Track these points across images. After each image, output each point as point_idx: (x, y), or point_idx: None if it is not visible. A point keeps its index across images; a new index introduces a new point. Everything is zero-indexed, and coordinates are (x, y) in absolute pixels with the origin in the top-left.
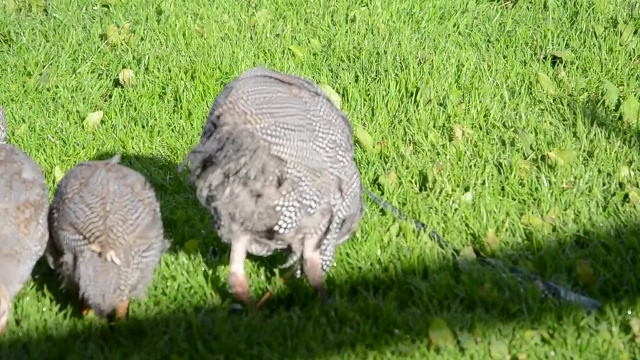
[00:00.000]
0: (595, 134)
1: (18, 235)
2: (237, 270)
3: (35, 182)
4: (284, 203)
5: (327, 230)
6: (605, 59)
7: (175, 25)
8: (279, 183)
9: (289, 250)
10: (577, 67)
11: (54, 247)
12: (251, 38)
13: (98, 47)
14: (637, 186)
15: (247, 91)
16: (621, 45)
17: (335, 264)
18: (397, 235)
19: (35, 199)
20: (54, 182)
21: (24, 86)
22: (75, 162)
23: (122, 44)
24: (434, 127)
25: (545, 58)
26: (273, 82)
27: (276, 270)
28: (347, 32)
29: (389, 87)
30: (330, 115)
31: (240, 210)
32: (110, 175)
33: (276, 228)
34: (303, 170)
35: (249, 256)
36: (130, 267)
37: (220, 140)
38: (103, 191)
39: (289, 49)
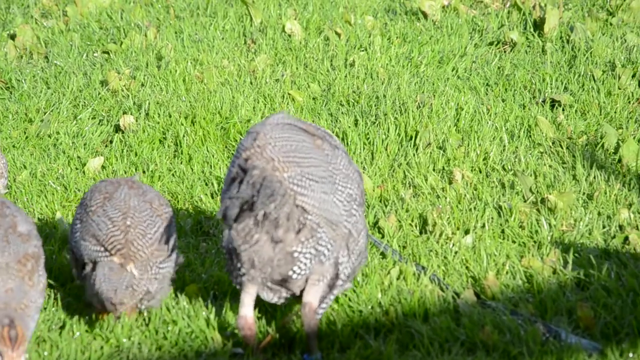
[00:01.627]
0: (594, 177)
1: (24, 288)
2: (247, 314)
3: (31, 234)
4: (301, 250)
5: (333, 285)
6: (604, 102)
7: (176, 71)
8: (299, 231)
9: (294, 297)
10: (575, 111)
11: (76, 257)
12: (251, 83)
13: (99, 93)
14: (637, 228)
15: (274, 137)
16: (619, 89)
17: (336, 308)
18: (398, 279)
19: (34, 251)
20: (55, 227)
21: (25, 132)
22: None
23: (122, 90)
24: (434, 170)
25: (544, 101)
26: (299, 131)
27: (277, 314)
28: (346, 76)
29: (388, 131)
30: (349, 169)
31: (259, 256)
32: (132, 191)
33: (290, 273)
34: (322, 221)
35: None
36: (146, 276)
37: (254, 185)
38: (125, 206)
39: (289, 94)
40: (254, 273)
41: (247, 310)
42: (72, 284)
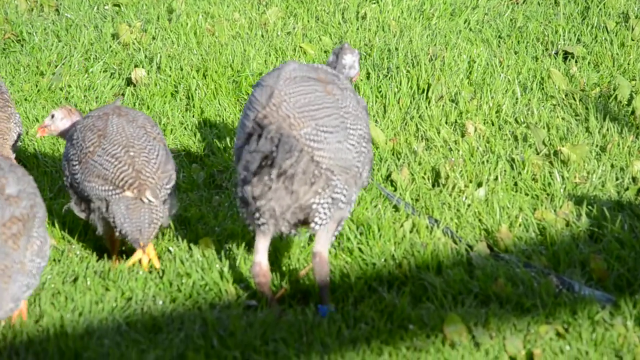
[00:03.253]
0: (607, 129)
1: (6, 250)
2: (262, 261)
3: (21, 195)
4: (319, 201)
5: (341, 222)
6: (617, 54)
7: (187, 24)
8: (313, 183)
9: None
10: (588, 63)
11: (80, 196)
12: (262, 36)
13: (110, 47)
14: None
15: (288, 93)
16: (633, 40)
17: (349, 261)
18: (411, 232)
19: (22, 213)
20: None
21: (37, 86)
22: None
23: (134, 43)
24: (446, 123)
25: (556, 53)
26: (310, 81)
27: (291, 267)
28: (358, 29)
29: (400, 84)
30: (357, 109)
31: (279, 205)
32: (123, 120)
33: (312, 225)
34: (337, 169)
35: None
36: (158, 202)
37: (273, 140)
38: (122, 139)
39: (300, 47)
40: (272, 221)
41: (262, 257)
42: (86, 237)
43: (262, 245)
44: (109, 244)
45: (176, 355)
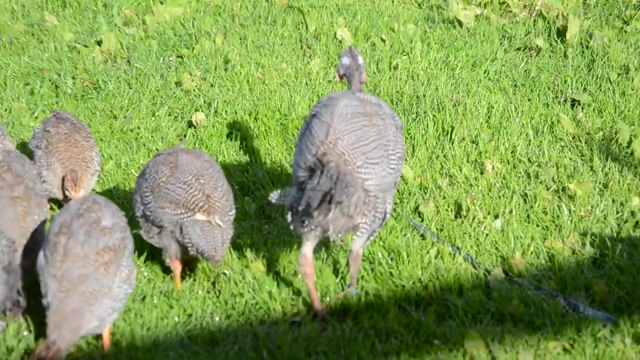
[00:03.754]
0: (609, 168)
1: (97, 276)
2: (307, 254)
3: (115, 227)
4: (365, 220)
5: (374, 232)
6: (619, 102)
7: (241, 73)
8: (363, 207)
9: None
10: (593, 109)
11: (151, 224)
12: (306, 84)
13: (174, 93)
14: None
15: (342, 130)
16: (632, 90)
17: (382, 285)
18: (436, 257)
19: (114, 244)
20: None
21: (110, 128)
22: None
23: (194, 90)
24: (467, 161)
25: (565, 101)
26: (359, 117)
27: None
28: (390, 78)
29: (427, 127)
30: (396, 134)
31: (333, 225)
32: (191, 156)
33: (356, 235)
34: (380, 193)
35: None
36: (226, 225)
37: (332, 178)
38: (193, 169)
39: None
40: (322, 234)
41: (308, 251)
42: (153, 261)
43: (310, 243)
44: (173, 267)
45: None
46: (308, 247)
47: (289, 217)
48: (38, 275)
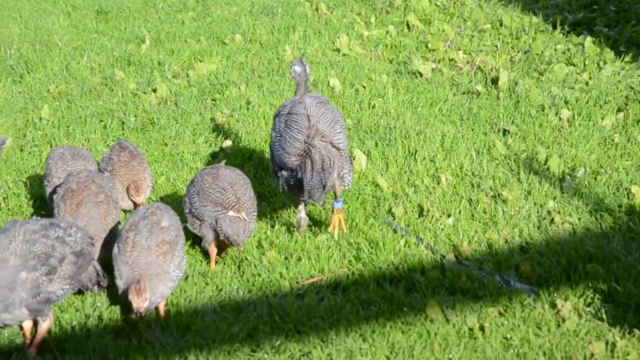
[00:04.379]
0: (531, 180)
1: (158, 262)
2: (304, 215)
3: (171, 227)
4: (346, 171)
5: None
6: (537, 131)
7: (259, 111)
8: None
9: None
10: (519, 137)
11: (195, 218)
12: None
13: (209, 126)
14: (559, 213)
15: (318, 115)
16: (547, 122)
17: (364, 267)
18: (404, 246)
19: (170, 239)
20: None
21: (162, 152)
22: None
23: (224, 124)
24: (427, 175)
25: (498, 130)
26: (321, 106)
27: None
28: (369, 114)
29: (397, 150)
30: (338, 113)
31: (317, 196)
32: (228, 170)
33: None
34: (345, 150)
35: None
36: (249, 220)
37: (319, 172)
38: (229, 179)
39: None
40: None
41: (304, 214)
42: (192, 249)
43: (303, 207)
44: (210, 250)
45: (251, 327)
46: (303, 211)
47: (285, 189)
48: (113, 261)
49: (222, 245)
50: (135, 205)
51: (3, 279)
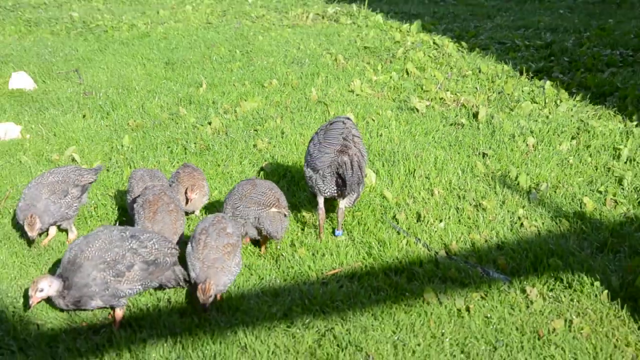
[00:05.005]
0: (505, 192)
1: (223, 259)
2: (323, 207)
3: (234, 233)
4: (361, 188)
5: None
6: (509, 154)
7: (291, 139)
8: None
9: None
10: (495, 159)
11: (240, 218)
12: None
13: (252, 151)
14: (527, 218)
15: (355, 133)
16: (517, 147)
17: (375, 261)
18: (406, 245)
19: (233, 242)
20: None
21: (216, 171)
22: None
23: (264, 149)
24: (423, 189)
25: (479, 154)
26: (354, 127)
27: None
28: (378, 141)
29: (400, 169)
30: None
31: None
32: (263, 181)
33: (342, 200)
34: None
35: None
36: (287, 218)
37: (355, 171)
38: (267, 186)
39: None
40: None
41: (322, 205)
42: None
43: (322, 200)
44: (247, 242)
45: (286, 308)
46: (322, 204)
47: (315, 189)
48: (186, 257)
49: (263, 241)
50: (188, 200)
51: (80, 278)
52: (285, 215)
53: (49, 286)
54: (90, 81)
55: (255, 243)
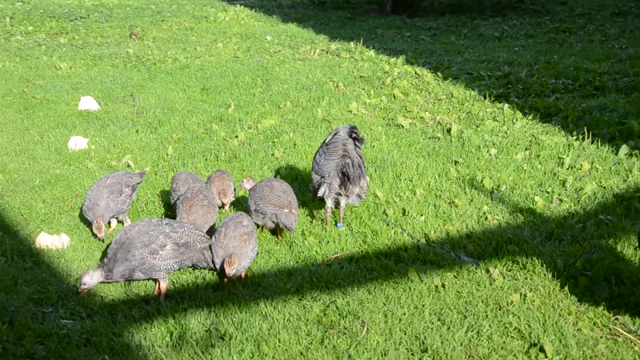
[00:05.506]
0: (473, 192)
1: (240, 246)
2: (330, 207)
3: (250, 226)
4: (359, 191)
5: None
6: (476, 162)
7: (302, 149)
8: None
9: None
10: (464, 165)
11: (259, 213)
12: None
13: (269, 159)
14: (490, 213)
15: (349, 142)
16: (482, 157)
17: (369, 247)
18: (394, 234)
19: (248, 231)
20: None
21: (241, 175)
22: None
23: (280, 157)
24: (407, 190)
25: (452, 162)
26: (348, 139)
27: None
28: (371, 151)
29: (389, 173)
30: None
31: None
32: (279, 182)
33: (344, 199)
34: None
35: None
36: (297, 214)
37: (356, 168)
38: (282, 187)
39: None
40: (337, 198)
41: (330, 205)
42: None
43: (330, 203)
44: (266, 232)
45: (298, 285)
46: (330, 206)
47: (321, 190)
48: (212, 247)
49: (279, 231)
50: (223, 204)
51: (124, 254)
52: (294, 213)
53: (91, 279)
54: (142, 103)
55: (273, 232)
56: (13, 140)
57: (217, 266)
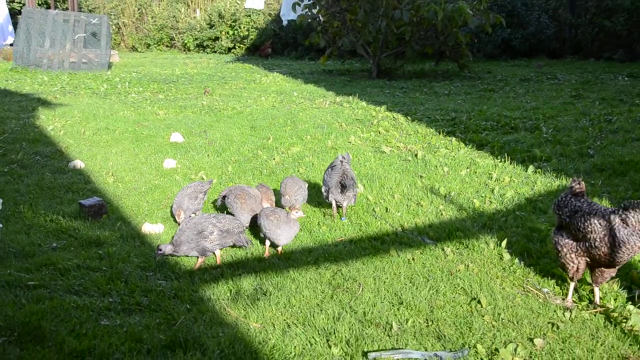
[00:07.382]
0: (433, 197)
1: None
2: (335, 205)
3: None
4: (353, 195)
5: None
6: (435, 176)
7: (318, 168)
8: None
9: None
10: (427, 179)
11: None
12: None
13: (299, 174)
14: (445, 210)
15: (347, 168)
16: (439, 173)
17: (363, 233)
18: (380, 224)
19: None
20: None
21: (277, 186)
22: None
23: (303, 173)
24: (389, 195)
25: (419, 176)
26: (345, 162)
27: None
28: (363, 169)
29: (376, 183)
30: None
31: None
32: (293, 179)
33: (345, 201)
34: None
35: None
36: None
37: (349, 179)
38: (297, 183)
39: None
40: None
41: (335, 205)
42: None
43: (334, 203)
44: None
45: (315, 258)
46: (334, 203)
47: (330, 197)
48: (261, 228)
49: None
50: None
51: (184, 237)
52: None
53: (164, 249)
54: (212, 137)
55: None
56: (128, 162)
57: (264, 235)
